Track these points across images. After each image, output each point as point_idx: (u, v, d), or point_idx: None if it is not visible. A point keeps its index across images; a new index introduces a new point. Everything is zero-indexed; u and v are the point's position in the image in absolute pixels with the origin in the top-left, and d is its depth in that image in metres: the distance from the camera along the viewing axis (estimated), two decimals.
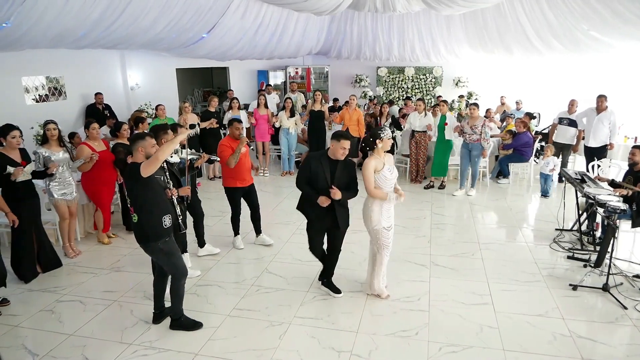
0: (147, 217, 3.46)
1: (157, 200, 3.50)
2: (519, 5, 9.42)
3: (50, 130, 4.92)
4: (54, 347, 3.58)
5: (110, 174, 5.56)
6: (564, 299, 4.23)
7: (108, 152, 5.49)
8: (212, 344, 3.60)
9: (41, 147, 4.95)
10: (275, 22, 9.71)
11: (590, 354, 3.43)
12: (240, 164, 5.12)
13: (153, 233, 3.48)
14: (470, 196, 7.54)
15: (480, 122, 7.22)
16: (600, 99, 7.31)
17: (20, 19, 4.84)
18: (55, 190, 5.03)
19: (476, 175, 7.66)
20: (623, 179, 5.16)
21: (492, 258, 5.14)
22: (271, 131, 8.83)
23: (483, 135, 7.17)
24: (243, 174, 5.20)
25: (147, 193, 3.44)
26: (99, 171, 5.37)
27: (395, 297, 4.27)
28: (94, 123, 5.44)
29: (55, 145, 4.98)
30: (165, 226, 3.51)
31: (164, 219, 3.50)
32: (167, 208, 3.60)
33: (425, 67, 13.56)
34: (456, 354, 3.46)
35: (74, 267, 5.02)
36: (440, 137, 7.75)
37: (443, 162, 7.84)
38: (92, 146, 5.31)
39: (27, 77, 7.35)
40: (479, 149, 7.27)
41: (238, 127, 5.23)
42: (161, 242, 3.51)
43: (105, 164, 5.40)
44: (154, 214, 3.46)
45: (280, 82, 14.24)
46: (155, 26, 6.80)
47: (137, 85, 9.68)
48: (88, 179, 5.45)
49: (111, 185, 5.65)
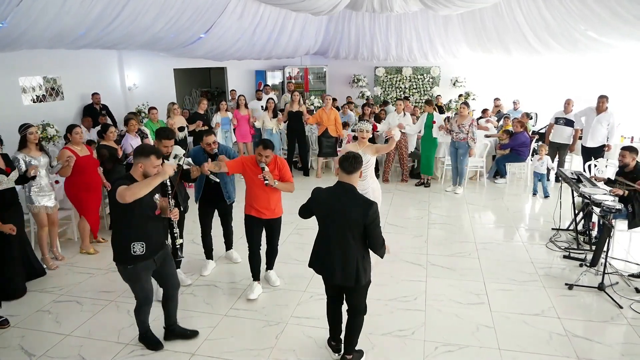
0: (116, 237, 3.26)
1: (132, 224, 3.15)
2: (517, 5, 9.44)
3: (33, 134, 4.64)
4: (51, 347, 3.58)
5: (95, 180, 5.31)
6: (560, 298, 4.24)
7: (91, 157, 5.27)
8: (209, 344, 3.61)
9: (20, 152, 4.62)
10: (273, 22, 9.71)
11: (586, 353, 3.44)
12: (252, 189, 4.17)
13: (117, 254, 3.24)
14: (458, 194, 7.59)
15: (468, 122, 7.32)
16: (601, 99, 7.30)
17: (18, 19, 4.84)
18: (36, 196, 4.75)
19: (463, 173, 7.71)
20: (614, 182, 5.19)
21: (488, 257, 5.16)
22: (252, 131, 8.77)
23: (470, 135, 7.25)
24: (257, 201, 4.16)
25: (122, 213, 3.12)
26: (82, 177, 5.10)
27: (392, 296, 4.28)
28: (77, 127, 5.17)
29: (34, 149, 4.70)
30: (133, 253, 3.15)
31: (134, 246, 3.14)
32: (144, 234, 3.18)
33: (423, 67, 13.57)
34: (452, 353, 3.47)
35: (70, 268, 5.02)
36: (426, 136, 7.82)
37: (430, 160, 7.96)
38: (74, 151, 5.04)
39: (24, 77, 7.34)
40: (466, 147, 7.38)
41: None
42: (123, 267, 3.24)
43: (89, 169, 5.17)
44: (123, 236, 3.18)
45: (278, 82, 14.24)
46: (154, 26, 6.80)
47: (135, 86, 9.67)
48: (71, 185, 5.16)
49: (96, 191, 5.37)
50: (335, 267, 3.04)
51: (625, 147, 5.10)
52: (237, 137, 8.63)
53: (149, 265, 3.28)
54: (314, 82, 14.29)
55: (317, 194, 3.16)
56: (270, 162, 4.05)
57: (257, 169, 4.03)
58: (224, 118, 8.28)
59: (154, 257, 3.28)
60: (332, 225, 3.03)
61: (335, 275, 3.05)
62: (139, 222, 3.17)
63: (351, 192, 3.01)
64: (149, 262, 3.26)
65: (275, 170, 4.09)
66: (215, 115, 8.43)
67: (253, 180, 4.08)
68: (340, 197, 3.01)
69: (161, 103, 8.14)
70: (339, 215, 2.98)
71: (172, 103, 7.84)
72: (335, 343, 3.42)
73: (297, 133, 8.68)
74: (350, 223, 2.95)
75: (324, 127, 8.41)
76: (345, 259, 3.01)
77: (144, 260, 3.21)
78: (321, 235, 3.18)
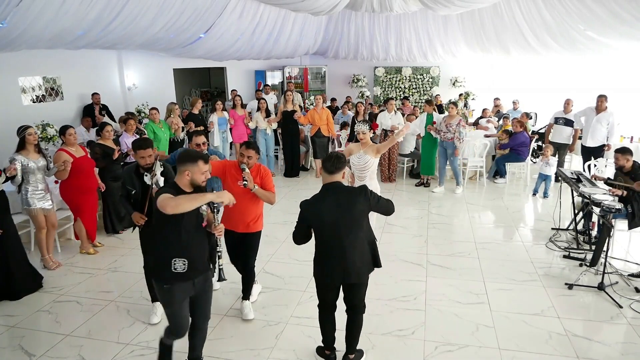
0: (156, 250, 2.93)
1: (177, 237, 2.77)
2: (516, 5, 9.46)
3: (32, 135, 4.59)
4: (51, 347, 3.58)
5: (91, 181, 5.24)
6: (560, 297, 4.25)
7: (87, 158, 5.20)
8: (209, 344, 3.60)
9: (18, 154, 4.57)
10: (273, 22, 9.72)
11: (586, 353, 3.45)
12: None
13: (155, 269, 2.93)
14: (457, 194, 7.62)
15: (456, 122, 7.35)
16: (600, 99, 7.32)
17: (17, 19, 4.84)
18: (34, 198, 4.68)
19: (457, 173, 7.72)
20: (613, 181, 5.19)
21: (488, 257, 5.16)
22: (248, 131, 8.77)
23: (456, 135, 7.29)
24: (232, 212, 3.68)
25: (166, 222, 2.74)
26: (78, 179, 5.02)
27: (392, 296, 4.28)
28: (70, 128, 5.08)
29: (33, 151, 4.65)
30: (174, 270, 2.78)
31: (175, 262, 2.78)
32: (187, 250, 2.81)
33: (423, 67, 13.58)
34: (452, 352, 3.47)
35: (70, 268, 5.01)
36: (427, 136, 7.86)
37: (430, 161, 7.98)
38: (70, 152, 4.98)
39: (23, 77, 7.34)
40: (453, 147, 7.42)
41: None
42: (159, 285, 2.88)
43: (84, 171, 5.09)
44: (163, 250, 2.82)
45: (278, 82, 14.25)
46: (153, 26, 6.80)
47: (135, 86, 9.67)
48: (66, 187, 5.07)
49: (92, 193, 5.29)
50: (351, 267, 2.99)
51: (617, 149, 5.06)
52: (234, 137, 8.61)
53: (186, 288, 2.87)
54: (313, 82, 14.30)
55: (306, 207, 3.03)
56: (253, 168, 3.71)
57: (238, 174, 3.66)
58: (220, 118, 8.22)
59: (195, 279, 2.88)
60: (339, 229, 2.96)
61: (351, 276, 3.01)
62: (185, 235, 2.79)
63: (342, 189, 3.00)
64: (187, 285, 2.86)
65: (258, 178, 3.72)
66: (211, 115, 8.39)
67: (231, 188, 3.51)
68: (337, 197, 2.96)
69: (161, 103, 8.12)
70: (344, 214, 2.94)
71: (173, 103, 7.80)
72: (329, 352, 3.34)
73: (291, 133, 8.67)
74: (356, 217, 2.96)
75: (316, 127, 8.42)
76: (360, 254, 3.02)
77: (183, 282, 2.82)
78: (325, 243, 3.04)
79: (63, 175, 4.89)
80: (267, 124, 8.55)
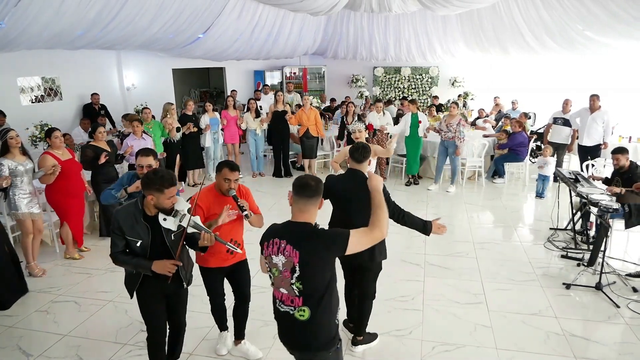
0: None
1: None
2: (514, 5, 9.46)
3: (13, 138, 4.49)
4: (49, 347, 3.58)
5: (78, 185, 5.11)
6: (558, 297, 4.25)
7: (73, 161, 5.06)
8: (207, 344, 3.61)
9: (4, 158, 4.48)
10: (272, 22, 9.73)
11: (583, 353, 3.45)
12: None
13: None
14: (449, 192, 7.66)
15: (456, 121, 7.41)
16: (592, 98, 7.36)
17: (15, 19, 4.84)
18: (22, 202, 4.58)
19: (456, 172, 7.75)
20: (610, 182, 5.21)
21: (486, 257, 5.16)
22: (240, 132, 8.77)
23: (457, 134, 7.35)
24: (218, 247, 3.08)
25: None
26: (65, 182, 4.88)
27: (390, 296, 4.28)
28: (57, 131, 4.94)
29: (18, 154, 4.57)
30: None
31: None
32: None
33: (422, 67, 13.59)
34: (450, 352, 3.48)
35: (68, 268, 5.02)
36: (412, 135, 7.91)
37: (414, 159, 8.06)
38: (56, 155, 4.84)
39: (22, 77, 7.35)
40: (454, 146, 7.47)
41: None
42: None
43: (71, 174, 4.96)
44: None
45: (277, 82, 14.25)
46: (152, 26, 6.81)
47: (134, 86, 9.68)
48: (52, 191, 4.92)
49: (79, 196, 5.17)
50: None
51: (614, 150, 5.09)
52: (226, 138, 8.58)
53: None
54: (313, 82, 14.31)
55: (328, 181, 3.37)
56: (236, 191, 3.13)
57: (221, 201, 3.08)
58: (212, 119, 8.15)
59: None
60: (349, 206, 3.29)
61: (363, 254, 2.84)
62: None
63: (360, 178, 3.29)
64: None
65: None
66: (202, 116, 8.18)
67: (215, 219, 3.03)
68: (354, 180, 3.30)
69: (160, 103, 8.11)
70: (354, 196, 3.25)
71: (169, 103, 7.75)
72: (352, 324, 3.64)
73: (282, 133, 8.64)
74: (363, 202, 3.04)
75: (305, 128, 8.41)
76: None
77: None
78: (340, 217, 3.38)
79: (49, 180, 4.75)
80: (258, 124, 8.55)
